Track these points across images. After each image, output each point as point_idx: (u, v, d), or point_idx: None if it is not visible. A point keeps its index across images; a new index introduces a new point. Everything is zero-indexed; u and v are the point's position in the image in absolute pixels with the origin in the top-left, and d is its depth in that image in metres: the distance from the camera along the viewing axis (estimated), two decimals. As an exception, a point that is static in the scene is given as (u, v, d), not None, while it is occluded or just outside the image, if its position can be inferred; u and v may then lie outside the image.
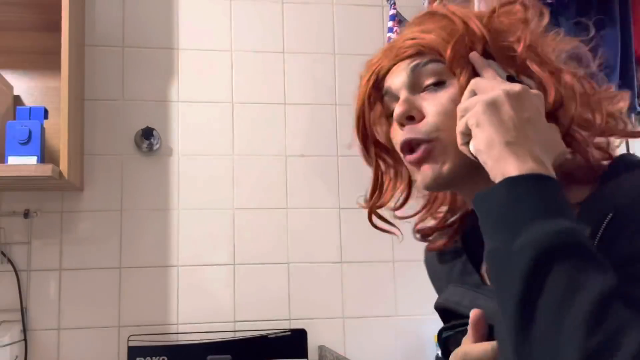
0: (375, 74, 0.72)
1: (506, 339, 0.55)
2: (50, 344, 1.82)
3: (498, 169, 0.58)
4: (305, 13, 2.09)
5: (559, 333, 0.50)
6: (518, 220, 0.55)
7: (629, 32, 1.57)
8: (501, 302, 0.55)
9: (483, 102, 0.60)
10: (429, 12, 0.74)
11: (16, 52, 1.88)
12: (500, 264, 0.55)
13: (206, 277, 1.92)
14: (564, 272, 0.51)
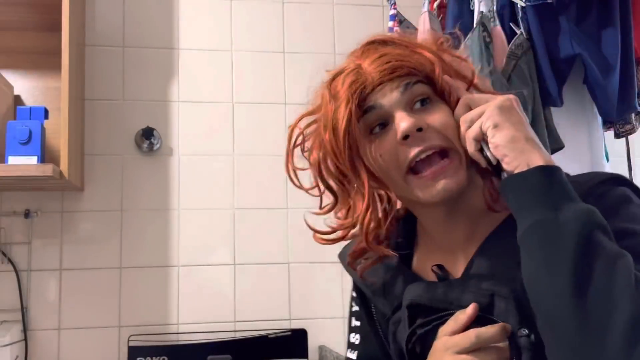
0: (359, 93, 0.73)
1: (551, 300, 0.61)
2: (50, 344, 1.82)
3: (523, 159, 0.67)
4: (306, 13, 2.09)
5: (612, 289, 0.59)
6: (556, 200, 0.65)
7: (629, 32, 1.56)
8: (551, 268, 0.61)
9: (496, 107, 0.69)
10: (385, 42, 0.78)
11: (17, 52, 1.88)
12: (549, 233, 0.63)
13: (206, 277, 1.92)
14: (605, 241, 0.62)
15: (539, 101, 1.54)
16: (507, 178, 0.69)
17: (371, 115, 0.74)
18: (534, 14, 1.55)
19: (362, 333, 0.90)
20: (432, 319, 0.74)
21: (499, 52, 1.55)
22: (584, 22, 1.55)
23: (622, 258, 0.61)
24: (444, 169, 0.72)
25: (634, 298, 0.58)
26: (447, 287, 0.74)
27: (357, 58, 0.77)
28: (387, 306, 0.83)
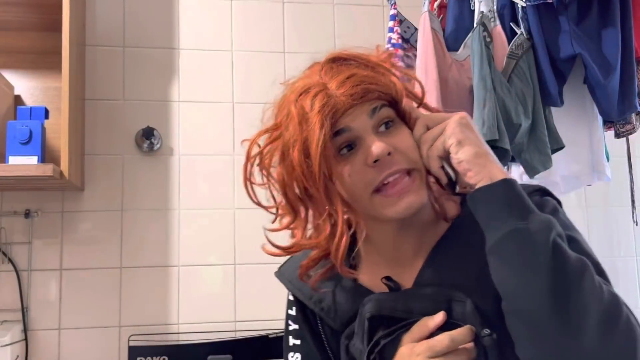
0: (331, 116, 0.74)
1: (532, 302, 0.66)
2: (51, 344, 1.82)
3: (485, 173, 0.73)
4: (306, 13, 2.09)
5: (583, 290, 0.65)
6: (523, 211, 0.70)
7: (629, 32, 1.56)
8: (529, 270, 0.67)
9: (457, 125, 0.75)
10: (346, 59, 0.80)
11: (17, 52, 1.88)
12: (525, 240, 0.68)
13: (207, 277, 1.92)
14: (566, 247, 0.68)
15: (539, 101, 1.54)
16: (476, 191, 0.73)
17: (341, 138, 0.76)
18: (535, 13, 1.55)
19: (302, 352, 0.89)
20: (396, 328, 0.76)
21: (500, 52, 1.55)
22: (584, 22, 1.55)
23: (585, 262, 0.68)
24: (409, 187, 0.75)
25: (599, 298, 0.66)
26: (406, 297, 0.78)
27: (321, 77, 0.77)
28: (337, 321, 0.83)
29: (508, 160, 1.49)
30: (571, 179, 1.70)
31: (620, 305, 0.67)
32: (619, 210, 2.19)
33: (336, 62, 0.80)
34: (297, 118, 0.75)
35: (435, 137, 0.76)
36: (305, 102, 0.75)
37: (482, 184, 0.72)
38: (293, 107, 0.77)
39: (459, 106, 1.61)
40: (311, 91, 0.76)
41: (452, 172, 0.76)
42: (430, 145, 0.76)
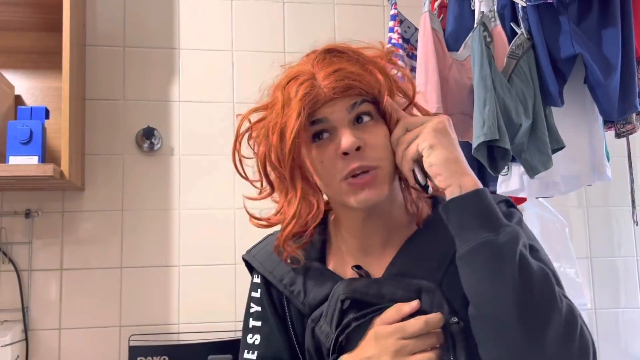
0: (310, 106, 0.79)
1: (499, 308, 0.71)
2: (51, 344, 1.82)
3: (455, 179, 0.76)
4: (306, 13, 2.09)
5: (545, 299, 0.71)
6: (494, 222, 0.74)
7: (630, 32, 1.56)
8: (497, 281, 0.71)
9: (431, 129, 0.78)
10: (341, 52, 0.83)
11: (17, 52, 1.88)
12: (494, 252, 0.72)
13: (207, 277, 1.92)
14: (530, 257, 0.73)
15: (540, 101, 1.54)
16: (449, 201, 0.76)
17: (318, 126, 0.80)
18: (535, 13, 1.55)
19: (262, 333, 0.91)
20: (367, 311, 0.80)
21: (500, 52, 1.55)
22: (585, 22, 1.55)
23: (546, 272, 0.73)
24: (370, 181, 0.79)
25: (559, 308, 0.71)
26: (378, 283, 0.82)
27: (313, 66, 0.82)
28: (306, 304, 0.87)
29: (508, 160, 1.49)
30: (571, 179, 1.70)
31: (576, 315, 0.72)
32: (619, 210, 2.20)
33: (330, 53, 0.84)
34: (281, 103, 0.81)
35: (412, 140, 0.79)
36: (291, 89, 0.81)
37: (451, 189, 0.76)
38: (280, 91, 0.82)
39: (459, 106, 1.61)
40: (299, 79, 0.81)
41: (423, 175, 0.79)
42: (406, 148, 0.79)
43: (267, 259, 0.92)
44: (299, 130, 0.78)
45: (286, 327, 0.90)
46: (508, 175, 1.62)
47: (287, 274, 0.90)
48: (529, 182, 1.61)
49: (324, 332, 0.83)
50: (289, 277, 0.89)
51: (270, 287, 0.92)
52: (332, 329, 0.82)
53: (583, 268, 2.11)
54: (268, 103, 0.86)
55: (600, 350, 2.11)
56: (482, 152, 1.46)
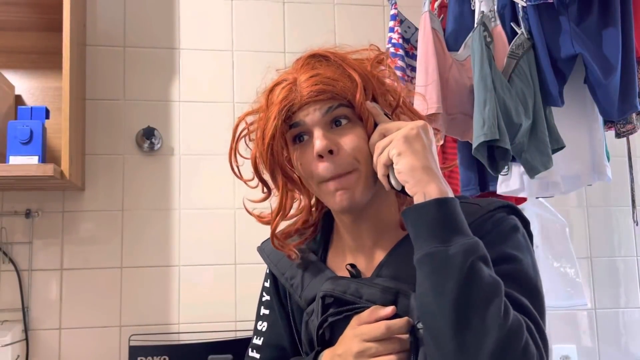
0: (287, 109, 0.83)
1: (437, 321, 0.72)
2: (51, 344, 1.82)
3: (420, 188, 0.77)
4: (306, 13, 2.09)
5: (485, 317, 0.70)
6: (447, 234, 0.74)
7: (630, 32, 1.56)
8: (438, 294, 0.72)
9: (401, 137, 0.79)
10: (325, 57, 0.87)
11: (18, 52, 1.88)
12: (438, 264, 0.73)
13: (207, 277, 1.92)
14: (484, 271, 0.73)
15: (540, 101, 1.54)
16: (406, 209, 0.78)
17: (295, 130, 0.85)
18: (535, 13, 1.55)
19: (269, 321, 0.99)
20: (343, 309, 0.84)
21: (500, 52, 1.55)
22: (585, 22, 1.55)
23: (496, 288, 0.72)
24: (343, 183, 0.83)
25: (501, 326, 0.70)
26: (359, 283, 0.85)
27: (297, 70, 0.86)
28: (302, 298, 0.91)
29: (509, 160, 1.49)
30: (572, 178, 1.70)
31: (521, 333, 0.71)
32: (619, 210, 2.20)
33: (315, 57, 0.87)
34: (265, 105, 0.86)
35: (385, 146, 0.81)
36: (274, 94, 0.85)
37: (417, 197, 0.77)
38: (265, 96, 0.87)
39: (459, 106, 1.61)
40: (283, 83, 0.85)
41: (397, 182, 0.80)
42: (380, 154, 0.81)
43: (274, 252, 0.97)
44: (274, 132, 0.83)
45: (289, 318, 0.95)
46: (508, 175, 1.62)
47: (289, 268, 0.95)
48: (529, 182, 1.61)
49: (314, 325, 0.88)
50: (290, 271, 0.94)
51: (277, 279, 0.98)
52: (317, 322, 0.87)
53: (583, 268, 2.11)
54: (258, 107, 0.90)
55: (600, 350, 2.11)
56: (482, 152, 1.46)
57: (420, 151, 0.79)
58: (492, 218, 0.84)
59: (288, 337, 0.95)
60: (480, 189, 1.70)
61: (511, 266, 0.79)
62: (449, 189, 0.79)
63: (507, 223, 0.85)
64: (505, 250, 0.81)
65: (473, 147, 1.45)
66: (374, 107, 0.85)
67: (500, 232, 0.83)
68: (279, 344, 0.96)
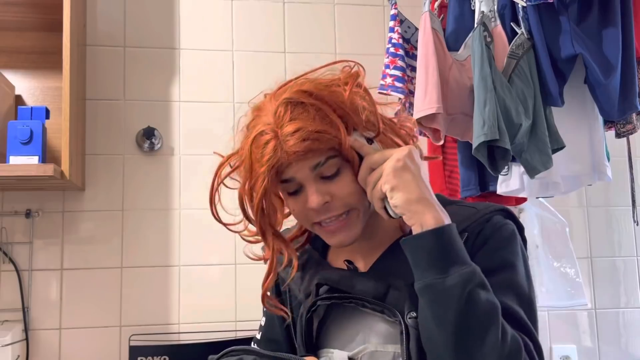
0: (275, 168, 0.82)
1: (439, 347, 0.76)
2: (51, 344, 1.82)
3: (417, 220, 0.79)
4: (306, 13, 2.09)
5: (484, 344, 0.74)
6: (445, 264, 0.77)
7: (630, 32, 1.56)
8: (438, 323, 0.76)
9: (391, 170, 0.80)
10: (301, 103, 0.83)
11: (18, 52, 1.88)
12: (437, 295, 0.76)
13: (207, 277, 1.92)
14: (482, 298, 0.75)
15: (540, 101, 1.53)
16: (405, 240, 0.80)
17: (288, 185, 0.86)
18: (535, 13, 1.55)
19: (267, 316, 1.04)
20: (333, 296, 0.88)
21: (500, 52, 1.55)
22: (585, 22, 1.55)
23: (494, 314, 0.75)
24: (341, 226, 0.85)
25: (499, 348, 0.74)
26: (353, 276, 0.89)
27: (275, 121, 0.82)
28: (301, 291, 0.94)
29: (509, 160, 1.49)
30: (572, 178, 1.70)
31: (520, 355, 0.75)
32: (619, 210, 2.19)
33: (292, 104, 0.83)
34: (249, 162, 0.85)
35: (377, 180, 0.82)
36: (256, 149, 0.84)
37: (414, 228, 0.79)
38: (248, 148, 0.86)
39: (459, 106, 1.61)
40: (264, 136, 0.83)
41: (392, 210, 0.82)
42: (372, 188, 0.83)
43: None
44: (264, 193, 0.84)
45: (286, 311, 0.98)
46: (508, 175, 1.62)
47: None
48: (529, 182, 1.61)
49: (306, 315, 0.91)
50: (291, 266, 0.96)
51: (278, 274, 1.00)
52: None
53: (583, 268, 2.11)
54: (239, 151, 0.91)
55: (600, 350, 2.11)
56: (482, 152, 1.46)
57: (411, 181, 0.80)
58: (491, 221, 0.86)
59: (283, 332, 0.99)
60: (480, 189, 1.70)
61: (508, 275, 0.82)
62: (445, 216, 0.80)
63: (506, 228, 0.87)
64: (505, 257, 0.83)
65: (473, 147, 1.45)
66: (356, 140, 0.85)
67: (501, 237, 0.85)
68: (274, 338, 1.00)
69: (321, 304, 0.89)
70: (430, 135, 1.63)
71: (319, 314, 0.90)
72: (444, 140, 1.67)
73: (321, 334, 0.90)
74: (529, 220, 2.07)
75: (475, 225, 0.86)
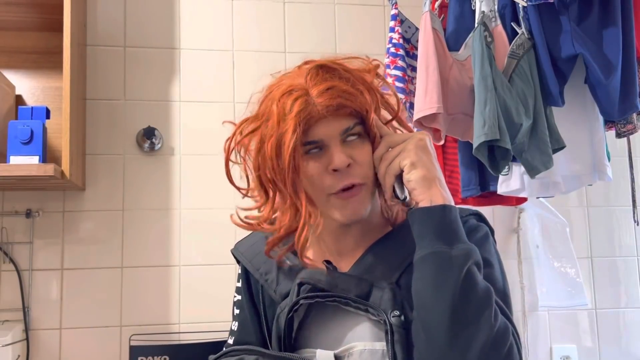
0: (305, 122, 0.83)
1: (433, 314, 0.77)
2: (52, 344, 1.82)
3: (427, 195, 0.82)
4: (307, 13, 2.09)
5: (479, 317, 0.76)
6: (451, 237, 0.80)
7: (630, 32, 1.56)
8: (437, 291, 0.77)
9: (413, 147, 0.84)
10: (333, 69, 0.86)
11: (18, 52, 1.88)
12: (442, 263, 0.78)
13: (207, 277, 1.92)
14: (479, 276, 0.78)
15: (540, 101, 1.53)
16: (415, 210, 0.83)
17: (311, 146, 0.85)
18: (535, 13, 1.55)
19: (240, 320, 1.02)
20: (316, 294, 0.87)
21: (501, 52, 1.55)
22: (585, 22, 1.55)
23: (490, 292, 0.78)
24: (355, 195, 0.86)
25: (491, 326, 0.76)
26: (335, 275, 0.88)
27: (306, 80, 0.85)
28: (277, 293, 0.94)
29: (509, 159, 1.49)
30: (572, 178, 1.70)
31: (508, 335, 0.78)
32: (619, 210, 2.19)
33: (323, 69, 0.86)
34: (277, 116, 0.84)
35: (394, 157, 0.85)
36: (286, 103, 0.84)
37: (423, 203, 0.82)
38: (275, 104, 0.85)
39: (460, 106, 1.61)
40: (294, 94, 0.84)
41: (402, 190, 0.85)
42: (389, 164, 0.85)
43: (248, 249, 1.03)
44: (295, 144, 0.83)
45: (259, 316, 0.98)
46: (509, 175, 1.62)
47: (263, 263, 0.98)
48: (529, 182, 1.61)
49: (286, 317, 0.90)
50: (265, 267, 0.97)
51: (249, 276, 1.01)
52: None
53: (584, 268, 2.11)
54: (260, 113, 0.89)
55: (600, 350, 2.11)
56: (482, 152, 1.46)
57: (430, 162, 0.84)
58: (467, 224, 0.90)
59: (258, 335, 0.98)
60: (480, 189, 1.70)
61: (486, 270, 0.84)
62: (451, 199, 0.84)
63: (480, 229, 0.91)
64: (483, 255, 0.85)
65: (474, 147, 1.45)
66: (377, 120, 0.88)
67: (476, 238, 0.88)
68: (247, 341, 0.99)
69: (303, 303, 0.88)
70: (431, 135, 1.63)
71: (299, 314, 0.89)
72: (444, 140, 1.67)
73: (300, 334, 0.90)
74: (529, 220, 2.08)
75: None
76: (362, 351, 0.85)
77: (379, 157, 0.86)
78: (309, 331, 0.89)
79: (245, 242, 1.07)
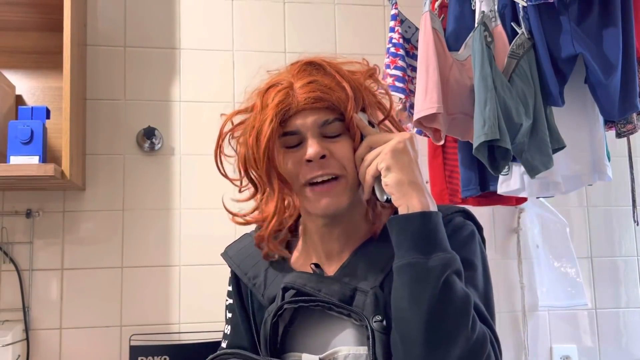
0: (282, 113, 0.85)
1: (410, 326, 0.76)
2: (52, 344, 1.82)
3: (404, 201, 0.81)
4: (307, 13, 2.09)
5: (455, 329, 0.75)
6: (428, 247, 0.79)
7: (630, 32, 1.56)
8: (413, 303, 0.77)
9: (390, 151, 0.83)
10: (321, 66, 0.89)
11: (18, 52, 1.88)
12: (417, 274, 0.78)
13: (208, 277, 1.92)
14: (458, 285, 0.78)
15: (540, 101, 1.53)
16: (392, 218, 0.82)
17: (290, 138, 0.87)
18: (536, 13, 1.55)
19: (232, 324, 1.01)
20: (299, 299, 0.87)
21: (501, 52, 1.55)
22: (585, 22, 1.55)
23: (467, 302, 0.78)
24: (330, 189, 0.86)
25: (468, 338, 0.76)
26: (319, 279, 0.88)
27: (293, 75, 0.88)
28: (265, 296, 0.94)
29: (509, 159, 1.49)
30: (572, 178, 1.70)
31: (485, 345, 0.78)
32: (620, 210, 2.19)
33: (311, 65, 0.89)
34: (259, 108, 0.87)
35: (373, 159, 0.85)
36: (269, 95, 0.87)
37: (401, 209, 0.82)
38: (260, 97, 0.89)
39: (460, 106, 1.61)
40: (278, 86, 0.87)
41: (381, 192, 0.85)
42: (368, 165, 0.85)
43: (237, 254, 1.03)
44: (271, 134, 0.84)
45: (249, 319, 0.98)
46: (509, 175, 1.62)
47: (251, 267, 0.98)
48: (529, 182, 1.61)
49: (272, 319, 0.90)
50: (253, 271, 0.97)
51: (239, 280, 1.00)
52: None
53: (584, 268, 2.11)
54: (248, 107, 0.91)
55: (600, 350, 2.11)
56: (482, 152, 1.46)
57: (407, 165, 0.83)
58: (452, 222, 0.89)
59: (249, 338, 0.98)
60: (480, 189, 1.70)
61: (468, 273, 0.84)
62: (432, 204, 0.83)
63: (466, 228, 0.90)
64: (464, 256, 0.84)
65: (474, 147, 1.45)
66: (360, 120, 0.88)
67: (461, 237, 0.88)
68: (240, 344, 0.99)
69: (288, 308, 0.88)
70: (431, 135, 1.63)
71: (284, 318, 0.89)
72: (444, 140, 1.67)
73: (286, 338, 0.90)
74: (529, 220, 2.08)
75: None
76: (346, 356, 0.85)
77: (360, 157, 0.87)
78: (295, 335, 0.90)
79: (234, 246, 1.07)
